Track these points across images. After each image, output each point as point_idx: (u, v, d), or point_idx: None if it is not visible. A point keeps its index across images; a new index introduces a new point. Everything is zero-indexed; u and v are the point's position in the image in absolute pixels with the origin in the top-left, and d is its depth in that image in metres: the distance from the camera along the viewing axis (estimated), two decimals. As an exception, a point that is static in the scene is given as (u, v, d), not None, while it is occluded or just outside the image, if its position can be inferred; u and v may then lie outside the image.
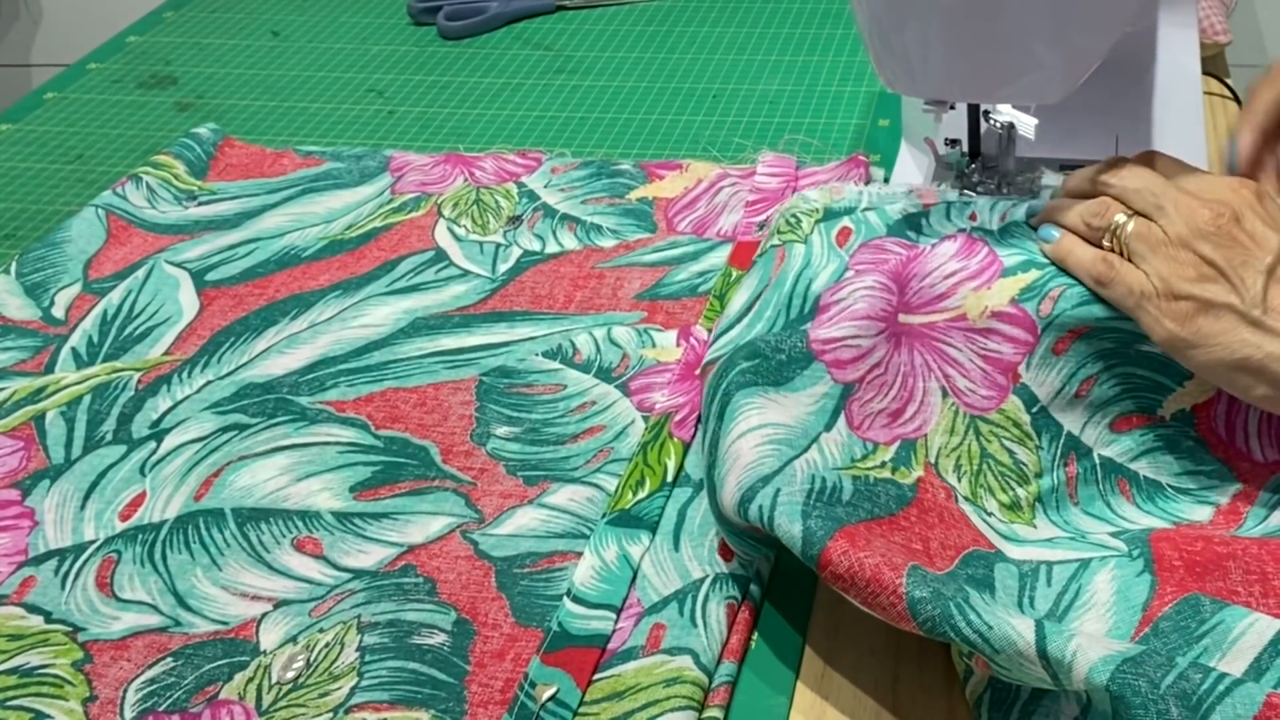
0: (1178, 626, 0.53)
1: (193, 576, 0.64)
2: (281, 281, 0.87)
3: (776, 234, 0.71)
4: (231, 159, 1.02)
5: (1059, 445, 0.62)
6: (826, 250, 0.68)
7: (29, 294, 0.87)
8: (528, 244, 0.89)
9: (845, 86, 1.09)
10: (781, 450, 0.59)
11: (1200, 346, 0.57)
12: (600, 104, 1.09)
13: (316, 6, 1.34)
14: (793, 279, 0.67)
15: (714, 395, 0.63)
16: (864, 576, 0.53)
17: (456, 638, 0.60)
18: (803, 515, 0.55)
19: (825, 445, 0.61)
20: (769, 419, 0.60)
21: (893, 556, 0.54)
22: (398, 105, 1.12)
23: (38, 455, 0.73)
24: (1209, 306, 0.57)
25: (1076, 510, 0.62)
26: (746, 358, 0.63)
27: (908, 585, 0.52)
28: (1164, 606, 0.54)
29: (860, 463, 0.61)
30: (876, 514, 0.58)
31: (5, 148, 1.08)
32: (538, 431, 0.72)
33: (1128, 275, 0.59)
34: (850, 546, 0.54)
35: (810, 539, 0.55)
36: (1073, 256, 0.62)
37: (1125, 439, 0.62)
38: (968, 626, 0.50)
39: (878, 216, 0.70)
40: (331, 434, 0.73)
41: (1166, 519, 0.60)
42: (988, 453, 0.62)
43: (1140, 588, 0.55)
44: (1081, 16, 0.64)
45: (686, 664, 0.57)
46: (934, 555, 0.57)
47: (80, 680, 0.59)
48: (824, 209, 0.71)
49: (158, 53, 1.25)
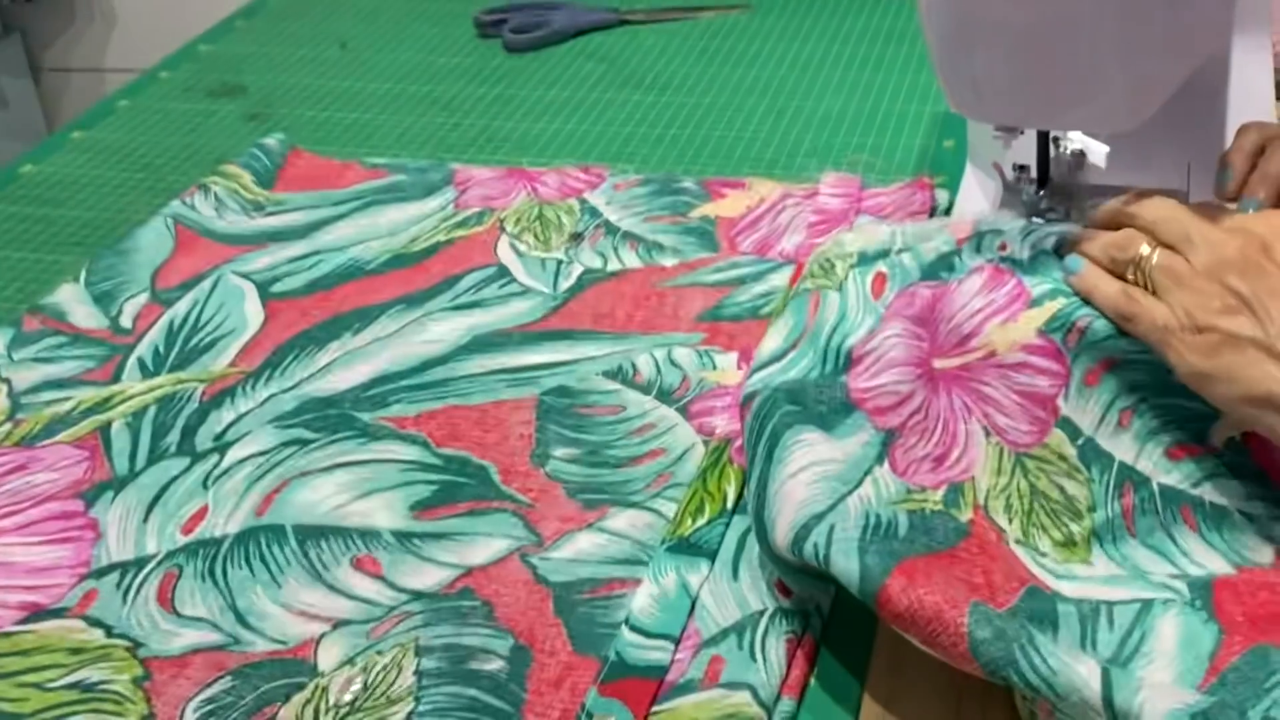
0: (1245, 678, 0.52)
1: (253, 594, 0.65)
2: (345, 294, 0.87)
3: (810, 278, 0.71)
4: (298, 170, 1.03)
5: (1111, 476, 0.61)
6: (862, 303, 0.68)
7: (97, 303, 0.88)
8: (589, 261, 0.89)
9: (910, 106, 1.08)
10: (835, 486, 0.58)
11: (1223, 381, 0.56)
12: (663, 119, 1.09)
13: (384, 18, 1.35)
14: (828, 333, 0.67)
15: (759, 435, 0.62)
16: (925, 615, 0.52)
17: (514, 664, 0.60)
18: (859, 551, 0.55)
19: (880, 478, 0.60)
20: (819, 455, 0.60)
21: (953, 593, 0.53)
22: (462, 118, 1.12)
23: (102, 466, 0.74)
24: (1233, 340, 0.56)
25: (1135, 543, 0.60)
26: (790, 401, 0.63)
27: (970, 624, 0.51)
28: (1231, 658, 0.53)
29: (914, 495, 0.60)
30: (934, 547, 0.57)
31: (77, 155, 1.10)
32: (597, 453, 0.72)
33: (1151, 309, 0.58)
34: (910, 583, 0.53)
35: (868, 576, 0.54)
36: (1097, 291, 0.61)
37: (1185, 464, 0.60)
38: (1031, 671, 0.50)
39: (911, 258, 0.69)
40: (392, 451, 0.73)
41: (1231, 556, 0.59)
42: (1037, 489, 0.61)
43: (1206, 637, 0.54)
44: (1154, 43, 0.63)
45: (745, 700, 0.56)
46: (996, 590, 0.56)
47: (140, 698, 0.60)
48: (858, 254, 0.70)
49: (228, 62, 1.26)
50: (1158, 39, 0.63)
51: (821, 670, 0.60)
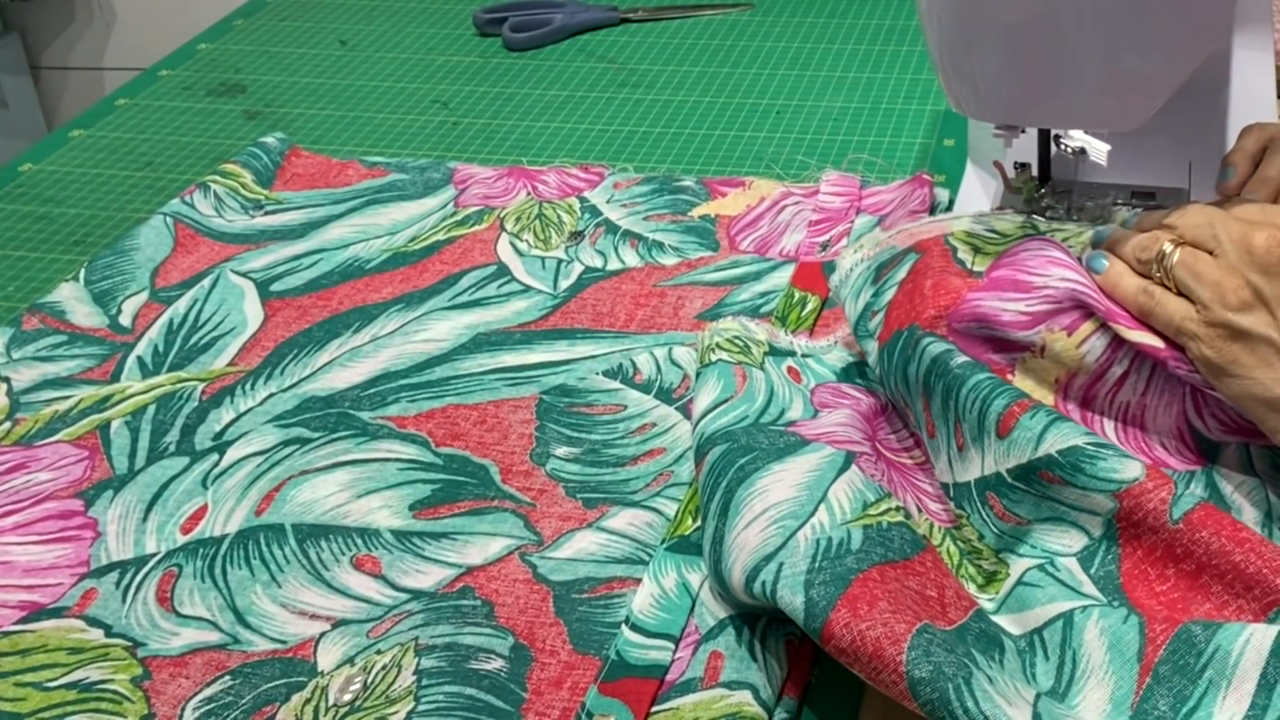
0: (1177, 668, 0.52)
1: (252, 593, 0.65)
2: (345, 293, 0.87)
3: (720, 349, 0.72)
4: (298, 169, 1.02)
5: (975, 498, 0.61)
6: (786, 384, 0.70)
7: (97, 301, 0.88)
8: (589, 260, 0.89)
9: (910, 105, 1.08)
10: (787, 525, 0.58)
11: (1234, 377, 0.56)
12: (663, 118, 1.09)
13: (383, 16, 1.35)
14: (763, 400, 0.68)
15: (714, 491, 0.62)
16: (866, 652, 0.52)
17: (514, 663, 0.60)
18: (805, 586, 0.55)
19: (834, 500, 0.60)
20: (773, 499, 0.60)
21: (896, 625, 0.53)
22: (462, 116, 1.12)
23: (102, 465, 0.74)
24: (1246, 336, 0.56)
25: (1031, 529, 0.60)
26: (743, 452, 0.63)
27: (909, 663, 0.51)
28: (1158, 650, 0.53)
29: (873, 508, 0.60)
30: (890, 558, 0.57)
31: (77, 154, 1.10)
32: (598, 453, 0.72)
33: (1168, 304, 0.59)
34: (853, 617, 0.53)
35: (812, 611, 0.54)
36: (1119, 288, 0.61)
37: (1016, 433, 0.59)
38: (964, 715, 0.50)
39: (817, 364, 0.73)
40: (392, 450, 0.73)
41: (1108, 486, 0.57)
42: (965, 554, 0.62)
43: (1130, 635, 0.54)
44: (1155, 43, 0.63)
45: (746, 699, 0.56)
46: (948, 605, 0.56)
47: (139, 697, 0.60)
48: (769, 344, 0.73)
49: (228, 60, 1.26)
50: (1159, 38, 0.63)
51: (822, 670, 0.60)
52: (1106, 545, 0.57)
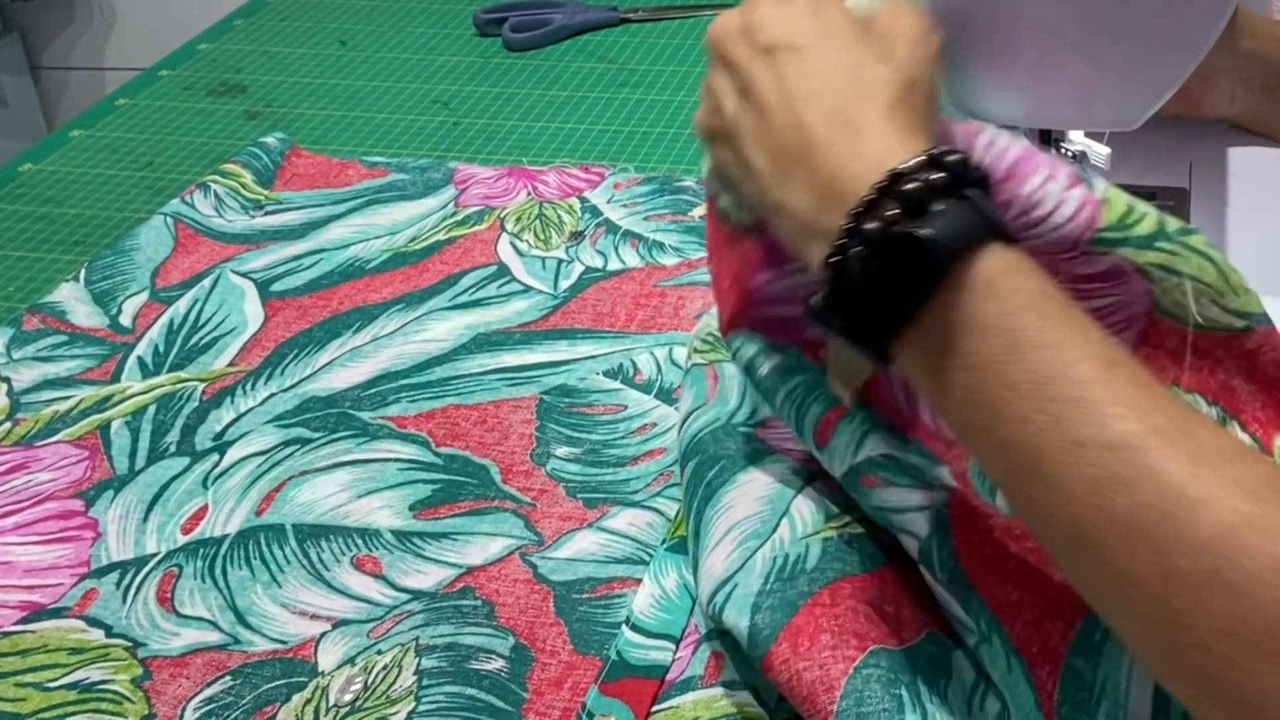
0: (1077, 708, 0.49)
1: (253, 594, 0.65)
2: (345, 293, 0.87)
3: (697, 352, 0.71)
4: (298, 169, 1.02)
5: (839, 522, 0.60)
6: None
7: (97, 301, 0.88)
8: (590, 260, 0.89)
9: (912, 104, 1.08)
10: (749, 545, 0.58)
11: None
12: (664, 118, 1.09)
13: (384, 16, 1.35)
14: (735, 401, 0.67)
15: (689, 512, 0.62)
16: (800, 694, 0.52)
17: (514, 664, 0.60)
18: (752, 610, 0.55)
19: (796, 514, 0.59)
20: (738, 516, 0.60)
21: (833, 667, 0.52)
22: (462, 116, 1.12)
23: (102, 465, 0.74)
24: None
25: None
26: (710, 464, 0.63)
27: (838, 714, 0.51)
28: (1052, 694, 0.49)
29: (835, 520, 0.59)
30: (848, 571, 0.56)
31: (77, 154, 1.10)
32: (598, 453, 0.72)
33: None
34: (792, 654, 0.53)
35: (755, 639, 0.54)
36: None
37: (835, 443, 0.58)
38: None
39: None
40: (392, 450, 0.73)
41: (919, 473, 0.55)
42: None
43: (1017, 676, 0.51)
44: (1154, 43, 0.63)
45: (747, 699, 0.56)
46: (902, 624, 0.55)
47: (139, 697, 0.60)
48: None
49: (228, 60, 1.26)
50: (1158, 38, 0.63)
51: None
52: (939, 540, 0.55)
